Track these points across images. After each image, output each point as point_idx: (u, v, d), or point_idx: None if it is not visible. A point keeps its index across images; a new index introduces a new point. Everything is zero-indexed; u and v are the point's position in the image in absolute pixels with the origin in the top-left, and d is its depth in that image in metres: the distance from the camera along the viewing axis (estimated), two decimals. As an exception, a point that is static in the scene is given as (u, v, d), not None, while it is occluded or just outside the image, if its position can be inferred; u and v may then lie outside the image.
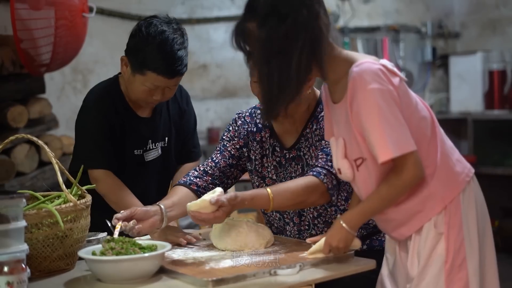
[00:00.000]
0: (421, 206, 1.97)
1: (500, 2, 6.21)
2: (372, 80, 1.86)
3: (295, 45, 1.89)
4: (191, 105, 2.80)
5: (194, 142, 2.80)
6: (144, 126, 2.62)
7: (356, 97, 1.88)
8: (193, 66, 5.39)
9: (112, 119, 2.54)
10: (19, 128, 3.68)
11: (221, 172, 2.47)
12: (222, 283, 1.85)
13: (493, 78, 5.91)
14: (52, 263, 2.02)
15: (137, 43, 2.46)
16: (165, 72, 2.42)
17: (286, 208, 2.25)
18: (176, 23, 2.51)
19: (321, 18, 1.93)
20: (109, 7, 4.87)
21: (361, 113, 1.88)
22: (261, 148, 2.46)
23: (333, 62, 1.97)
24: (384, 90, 1.86)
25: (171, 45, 2.42)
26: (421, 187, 1.96)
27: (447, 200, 1.96)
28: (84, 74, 4.87)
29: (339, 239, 2.00)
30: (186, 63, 2.48)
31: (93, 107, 2.56)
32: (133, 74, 2.48)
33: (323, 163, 2.24)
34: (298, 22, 1.89)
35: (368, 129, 1.87)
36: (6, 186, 3.57)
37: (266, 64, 1.92)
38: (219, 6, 5.50)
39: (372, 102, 1.85)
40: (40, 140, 2.09)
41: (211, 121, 5.46)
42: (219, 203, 2.07)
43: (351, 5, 5.98)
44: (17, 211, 1.80)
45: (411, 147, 1.87)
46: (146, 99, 2.51)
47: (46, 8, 3.49)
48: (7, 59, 3.63)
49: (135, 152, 2.60)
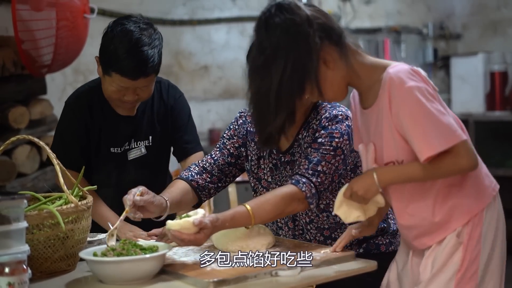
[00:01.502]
0: (448, 217, 1.97)
1: (501, 3, 6.21)
2: (408, 79, 1.89)
3: (275, 71, 1.94)
4: (182, 101, 2.73)
5: (189, 137, 2.73)
6: (124, 125, 2.60)
7: (394, 97, 1.90)
8: (195, 67, 5.40)
9: (85, 118, 2.55)
10: (20, 129, 3.68)
11: (219, 170, 2.47)
12: (223, 284, 1.85)
13: (494, 79, 5.91)
14: (53, 264, 2.02)
15: (103, 42, 2.46)
16: (128, 74, 2.39)
17: (268, 220, 2.24)
18: (145, 23, 2.46)
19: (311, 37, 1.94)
20: (111, 8, 4.88)
21: (401, 112, 1.89)
22: (259, 149, 2.45)
23: (364, 68, 2.00)
24: (421, 87, 1.89)
25: (135, 45, 2.37)
26: (450, 198, 1.97)
27: (474, 213, 1.96)
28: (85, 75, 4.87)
29: (362, 185, 1.98)
30: (154, 64, 2.41)
31: (68, 106, 2.61)
32: (103, 74, 2.48)
33: (304, 171, 2.23)
34: (280, 51, 1.94)
35: (410, 127, 1.88)
36: (7, 187, 3.58)
37: (255, 95, 2.00)
38: (220, 7, 5.50)
39: (411, 100, 1.87)
40: (41, 141, 2.09)
41: (213, 122, 5.46)
42: (202, 225, 2.03)
43: (352, 6, 5.99)
44: (18, 212, 1.80)
45: (460, 137, 1.88)
46: (118, 99, 2.49)
47: (47, 9, 3.49)
48: (9, 60, 3.63)
49: (111, 150, 2.59)
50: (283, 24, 1.94)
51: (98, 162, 2.59)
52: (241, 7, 5.58)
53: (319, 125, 2.30)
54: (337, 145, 2.24)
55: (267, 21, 1.96)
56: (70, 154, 2.52)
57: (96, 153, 2.59)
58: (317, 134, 2.28)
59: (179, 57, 5.34)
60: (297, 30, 1.94)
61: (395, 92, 1.90)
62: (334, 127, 2.27)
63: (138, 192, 2.18)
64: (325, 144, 2.25)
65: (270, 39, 1.94)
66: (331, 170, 2.24)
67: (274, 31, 1.94)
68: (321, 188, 2.23)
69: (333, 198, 2.34)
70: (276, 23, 1.94)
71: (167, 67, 5.15)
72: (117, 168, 2.61)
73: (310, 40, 1.94)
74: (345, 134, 2.25)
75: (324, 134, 2.27)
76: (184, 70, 5.38)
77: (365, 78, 2.01)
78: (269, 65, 1.94)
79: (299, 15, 1.95)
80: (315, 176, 2.22)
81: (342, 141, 2.25)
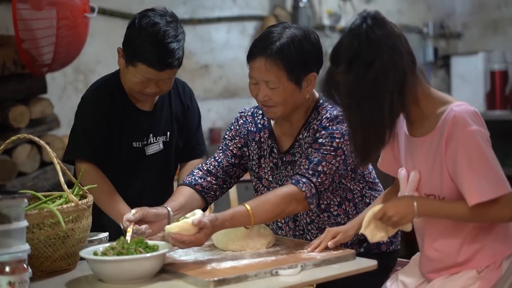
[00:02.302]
0: (471, 257, 1.97)
1: (501, 2, 6.21)
2: (472, 122, 1.89)
3: (385, 88, 1.90)
4: (196, 102, 2.79)
5: (198, 139, 2.79)
6: (143, 119, 2.62)
7: (455, 136, 1.90)
8: (195, 67, 5.39)
9: (108, 112, 2.55)
10: (20, 128, 3.68)
11: (224, 172, 2.47)
12: (223, 283, 1.85)
13: (494, 78, 5.90)
14: (54, 263, 2.02)
15: (130, 34, 2.47)
16: (155, 64, 2.41)
17: (267, 220, 2.24)
18: (171, 16, 2.50)
19: (404, 57, 1.92)
20: (111, 7, 4.87)
21: (459, 154, 1.89)
22: (259, 148, 2.45)
23: (425, 98, 1.99)
24: (482, 132, 1.90)
25: (163, 37, 2.41)
26: (477, 240, 1.97)
27: (498, 257, 1.96)
28: (85, 74, 4.87)
29: (399, 212, 1.94)
30: (179, 56, 2.45)
31: (88, 100, 2.59)
32: (126, 65, 2.49)
33: (304, 171, 2.23)
34: (385, 65, 1.89)
35: (464, 169, 1.88)
36: (8, 186, 3.57)
37: (357, 109, 1.92)
38: (221, 6, 5.49)
39: (472, 143, 1.88)
40: (41, 140, 2.09)
41: (213, 121, 5.45)
42: (201, 225, 2.03)
43: (352, 6, 5.98)
44: (19, 211, 1.81)
45: (508, 188, 1.89)
46: (140, 91, 2.50)
47: (47, 8, 3.49)
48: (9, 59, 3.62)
49: (133, 145, 2.60)
50: (386, 39, 1.90)
51: (120, 156, 2.59)
52: (242, 7, 5.57)
53: (320, 125, 2.30)
54: (338, 146, 2.24)
55: (368, 34, 1.90)
56: (93, 147, 2.52)
57: (119, 146, 2.58)
58: (318, 135, 2.28)
59: (179, 56, 5.34)
60: (396, 47, 1.91)
61: (457, 132, 1.89)
62: (335, 127, 2.27)
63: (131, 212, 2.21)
64: (325, 145, 2.25)
65: (375, 52, 1.89)
66: (332, 171, 2.24)
67: (377, 45, 1.89)
68: (321, 188, 2.23)
69: (334, 198, 2.35)
70: (379, 37, 1.90)
71: (168, 66, 5.14)
72: (138, 162, 2.62)
73: (405, 58, 1.93)
74: (346, 135, 2.25)
75: (325, 135, 2.26)
76: (184, 69, 5.37)
77: (423, 107, 1.99)
78: (378, 80, 1.89)
79: (394, 32, 1.93)
80: (315, 176, 2.22)
81: (343, 142, 2.25)
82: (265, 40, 2.27)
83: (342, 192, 2.36)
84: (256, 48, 2.27)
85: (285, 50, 2.24)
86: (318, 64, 2.33)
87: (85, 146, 2.51)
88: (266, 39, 2.27)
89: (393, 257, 2.44)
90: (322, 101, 2.38)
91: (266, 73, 2.25)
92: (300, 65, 2.26)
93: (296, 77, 2.27)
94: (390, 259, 2.42)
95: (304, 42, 2.27)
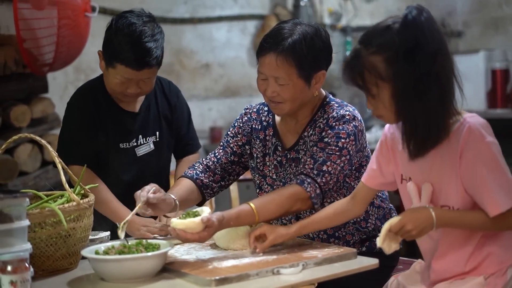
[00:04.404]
0: (478, 264, 1.97)
1: (502, 0, 6.20)
2: (487, 134, 1.89)
3: (448, 78, 1.89)
4: (183, 99, 2.80)
5: (190, 135, 2.81)
6: (129, 120, 2.63)
7: (471, 150, 1.89)
8: (196, 66, 5.39)
9: (93, 115, 2.57)
10: (22, 127, 3.68)
11: (222, 169, 2.48)
12: (225, 282, 1.85)
13: (495, 77, 5.90)
14: (55, 262, 2.03)
15: (108, 36, 2.50)
16: (132, 64, 2.43)
17: (272, 219, 2.25)
18: (148, 16, 2.52)
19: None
20: (112, 6, 4.88)
21: (478, 167, 1.88)
22: (264, 146, 2.45)
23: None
24: (496, 144, 1.90)
25: (139, 37, 2.43)
26: (485, 247, 1.96)
27: (504, 264, 1.96)
28: (87, 74, 4.87)
29: (418, 225, 1.90)
30: (157, 56, 2.47)
31: (73, 104, 2.63)
32: (106, 67, 2.51)
33: (309, 171, 2.23)
34: (445, 59, 1.89)
35: (483, 181, 1.87)
36: (9, 185, 3.58)
37: (421, 100, 1.87)
38: (222, 5, 5.49)
39: (489, 155, 1.88)
40: (43, 139, 2.09)
41: (214, 120, 5.45)
42: (209, 223, 2.05)
43: (353, 4, 5.98)
44: (20, 210, 1.81)
45: None
46: (121, 92, 2.52)
47: (48, 8, 3.49)
48: (10, 59, 3.63)
49: (120, 146, 2.61)
50: (441, 32, 1.90)
51: (108, 158, 2.61)
52: (242, 5, 5.57)
53: (326, 125, 2.29)
54: (343, 146, 2.24)
55: (429, 25, 1.88)
56: (82, 151, 2.54)
57: (106, 148, 2.60)
58: (324, 134, 2.28)
59: (180, 56, 5.34)
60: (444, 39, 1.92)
61: (473, 145, 1.88)
62: (341, 127, 2.26)
63: (151, 190, 2.20)
64: (331, 144, 2.24)
65: (436, 44, 1.87)
66: (336, 171, 2.24)
67: (438, 37, 1.89)
68: (325, 188, 2.23)
69: (338, 197, 2.34)
70: (438, 29, 1.89)
71: (169, 65, 5.15)
72: (127, 164, 2.63)
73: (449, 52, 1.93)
74: (352, 135, 2.25)
75: (330, 134, 2.26)
76: (185, 68, 5.38)
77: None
78: (441, 71, 1.88)
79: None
80: (320, 176, 2.22)
81: (348, 142, 2.25)
82: (277, 36, 2.26)
83: (346, 191, 2.35)
84: (267, 43, 2.26)
85: (297, 47, 2.23)
86: (328, 62, 2.33)
87: (75, 151, 2.54)
88: (277, 35, 2.26)
89: (394, 256, 2.44)
90: (329, 99, 2.38)
91: (277, 69, 2.24)
92: (311, 62, 2.26)
93: (306, 74, 2.26)
94: (391, 258, 2.42)
95: (315, 39, 2.27)
